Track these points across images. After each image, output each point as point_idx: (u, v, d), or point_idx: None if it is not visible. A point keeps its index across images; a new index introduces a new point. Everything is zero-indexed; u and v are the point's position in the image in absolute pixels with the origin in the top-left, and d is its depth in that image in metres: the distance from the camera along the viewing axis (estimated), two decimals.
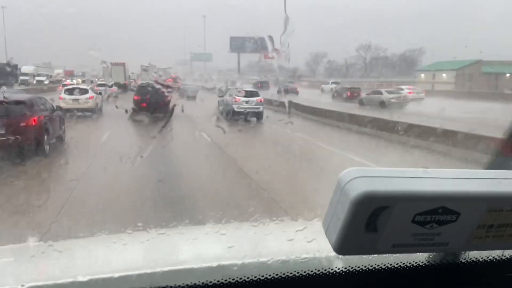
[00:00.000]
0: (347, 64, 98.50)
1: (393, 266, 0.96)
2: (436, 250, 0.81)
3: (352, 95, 29.27)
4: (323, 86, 42.36)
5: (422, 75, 61.34)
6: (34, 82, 47.29)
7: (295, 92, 34.54)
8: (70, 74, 70.26)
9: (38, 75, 53.10)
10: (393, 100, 24.38)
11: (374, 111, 19.73)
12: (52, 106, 10.09)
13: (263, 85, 22.02)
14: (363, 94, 28.75)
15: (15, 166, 7.63)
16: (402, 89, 28.65)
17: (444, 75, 57.26)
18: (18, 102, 8.80)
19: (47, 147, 8.69)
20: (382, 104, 24.17)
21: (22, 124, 8.18)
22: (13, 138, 7.98)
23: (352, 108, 21.68)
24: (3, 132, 8.01)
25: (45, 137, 8.66)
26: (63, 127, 10.49)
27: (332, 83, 42.27)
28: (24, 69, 55.34)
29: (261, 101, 18.24)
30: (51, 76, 58.42)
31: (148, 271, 0.96)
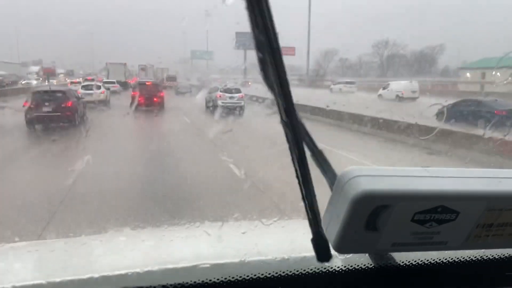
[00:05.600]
0: (361, 62, 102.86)
1: (393, 265, 1.03)
2: (436, 249, 0.86)
3: None
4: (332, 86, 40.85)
5: (468, 74, 55.05)
6: None
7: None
8: (49, 72, 66.82)
9: None
10: None
11: None
12: (78, 96, 16.98)
13: None
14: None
15: (58, 129, 14.57)
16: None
17: (497, 73, 46.59)
18: (59, 91, 15.79)
19: (77, 121, 15.50)
20: None
21: (62, 105, 14.94)
22: (57, 113, 14.76)
23: None
24: (51, 110, 14.78)
25: (76, 114, 15.43)
26: (85, 110, 17.38)
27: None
28: None
29: (242, 96, 23.51)
30: None
31: (148, 269, 1.05)
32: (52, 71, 70.45)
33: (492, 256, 1.08)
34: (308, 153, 0.83)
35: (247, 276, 1.00)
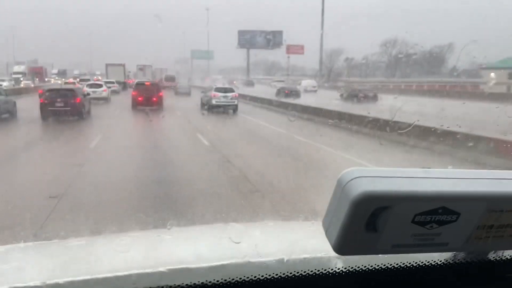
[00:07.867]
0: (367, 61, 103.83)
1: (393, 266, 1.07)
2: (436, 250, 0.89)
3: None
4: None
5: (492, 74, 51.86)
6: None
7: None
8: (36, 72, 62.67)
9: None
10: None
11: None
12: (84, 93, 20.25)
13: None
14: None
15: (69, 121, 17.90)
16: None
17: None
18: (68, 90, 19.22)
19: (83, 115, 18.75)
20: None
21: (71, 101, 18.15)
22: (67, 108, 17.97)
23: None
24: (62, 105, 17.96)
25: (82, 109, 18.63)
26: (90, 106, 20.60)
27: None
28: None
29: (236, 96, 26.08)
30: None
31: (148, 270, 1.08)
32: (40, 70, 66.57)
33: (493, 257, 1.10)
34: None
35: (247, 277, 1.04)
